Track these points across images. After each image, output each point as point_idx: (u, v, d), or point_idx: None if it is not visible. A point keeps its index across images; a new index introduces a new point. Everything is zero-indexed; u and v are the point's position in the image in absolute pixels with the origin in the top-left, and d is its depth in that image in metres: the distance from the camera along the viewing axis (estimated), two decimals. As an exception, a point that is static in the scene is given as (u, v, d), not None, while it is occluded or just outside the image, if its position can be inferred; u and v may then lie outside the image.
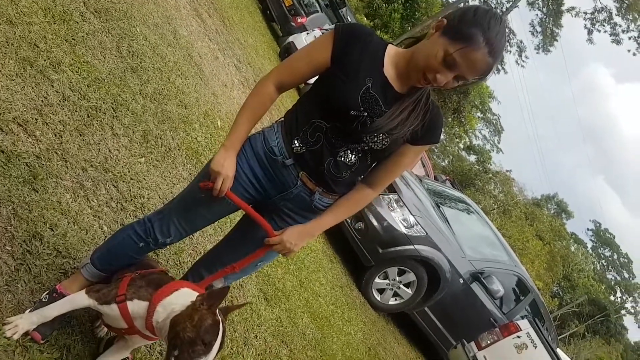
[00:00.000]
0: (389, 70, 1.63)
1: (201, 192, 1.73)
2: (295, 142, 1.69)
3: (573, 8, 28.77)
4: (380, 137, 1.61)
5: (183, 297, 1.58)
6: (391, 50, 1.66)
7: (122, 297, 1.64)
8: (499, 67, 32.38)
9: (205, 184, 1.71)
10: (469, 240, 5.95)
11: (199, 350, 1.45)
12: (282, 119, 1.79)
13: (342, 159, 1.67)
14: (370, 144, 1.64)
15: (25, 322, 1.69)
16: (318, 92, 1.69)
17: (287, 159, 1.70)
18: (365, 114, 1.60)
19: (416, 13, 22.42)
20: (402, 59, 1.64)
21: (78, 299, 1.71)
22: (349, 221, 5.35)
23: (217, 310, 1.52)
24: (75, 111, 2.68)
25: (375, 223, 5.23)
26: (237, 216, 2.04)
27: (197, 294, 1.63)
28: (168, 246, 2.16)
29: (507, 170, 35.21)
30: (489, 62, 1.49)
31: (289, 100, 7.08)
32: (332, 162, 1.67)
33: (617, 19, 27.19)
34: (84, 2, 3.46)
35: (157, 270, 1.84)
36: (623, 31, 27.16)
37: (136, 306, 1.62)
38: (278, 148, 1.71)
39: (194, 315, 1.49)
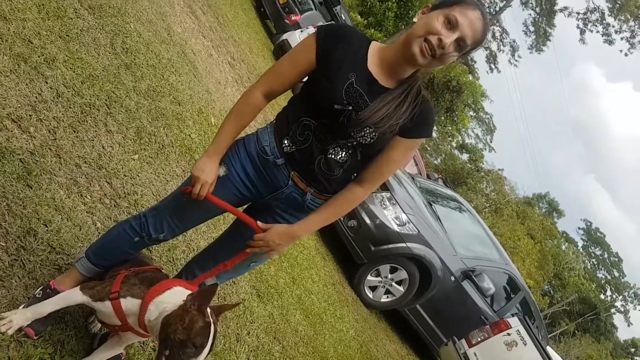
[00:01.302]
0: (373, 66, 1.66)
1: (183, 195, 1.76)
2: (285, 141, 1.71)
3: (566, 8, 29.03)
4: (367, 131, 1.62)
5: (175, 296, 1.60)
6: (375, 46, 1.69)
7: (116, 294, 1.65)
8: (492, 66, 32.61)
9: (186, 189, 1.74)
10: (461, 238, 5.99)
11: (189, 353, 1.47)
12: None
13: (332, 156, 1.69)
14: (358, 139, 1.64)
15: (19, 317, 1.70)
16: (305, 92, 1.72)
17: (278, 159, 1.72)
18: (350, 107, 1.62)
19: (410, 12, 22.40)
20: (389, 50, 1.66)
21: (72, 296, 1.72)
22: (342, 219, 5.37)
23: (210, 311, 1.54)
24: (69, 108, 2.68)
25: (367, 220, 5.25)
26: (231, 214, 2.06)
27: (190, 292, 1.65)
28: (162, 242, 2.18)
29: (499, 169, 35.35)
30: (484, 24, 1.57)
31: (283, 99, 7.07)
32: (323, 160, 1.69)
33: (610, 20, 27.42)
34: (78, -1, 3.46)
35: (151, 267, 1.85)
36: (616, 31, 27.38)
37: (129, 304, 1.64)
38: (270, 148, 1.73)
39: (184, 316, 1.50)
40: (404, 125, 1.65)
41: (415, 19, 1.63)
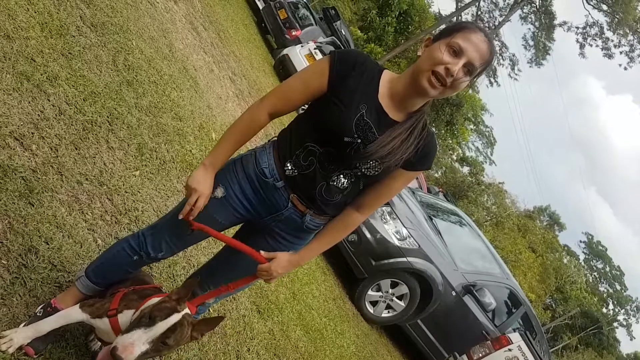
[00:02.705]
0: (383, 97, 1.64)
1: (188, 228, 1.74)
2: (288, 165, 1.69)
3: (565, 22, 29.24)
4: (373, 164, 1.62)
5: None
6: (386, 76, 1.67)
7: (114, 311, 1.66)
8: (492, 79, 32.79)
9: (186, 215, 1.71)
10: (462, 252, 5.98)
11: (143, 322, 1.51)
12: (275, 138, 1.80)
13: (335, 183, 1.67)
14: (363, 170, 1.64)
15: (19, 336, 1.70)
16: (313, 116, 1.70)
17: (278, 181, 1.70)
18: (359, 140, 1.60)
19: (409, 26, 22.61)
20: (399, 81, 1.65)
21: (72, 314, 1.73)
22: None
23: (187, 312, 1.59)
24: (71, 125, 2.70)
25: (368, 235, 5.26)
26: (233, 227, 2.06)
27: (188, 311, 1.65)
28: (162, 260, 2.18)
29: (499, 182, 35.38)
30: (489, 45, 1.56)
31: (287, 117, 7.10)
32: (325, 187, 1.68)
33: (609, 34, 27.58)
34: (81, 17, 3.49)
35: (151, 286, 1.86)
36: (615, 46, 27.53)
37: (126, 318, 1.64)
38: (269, 170, 1.72)
39: (161, 302, 1.57)
40: (408, 159, 1.65)
41: (419, 53, 1.63)
